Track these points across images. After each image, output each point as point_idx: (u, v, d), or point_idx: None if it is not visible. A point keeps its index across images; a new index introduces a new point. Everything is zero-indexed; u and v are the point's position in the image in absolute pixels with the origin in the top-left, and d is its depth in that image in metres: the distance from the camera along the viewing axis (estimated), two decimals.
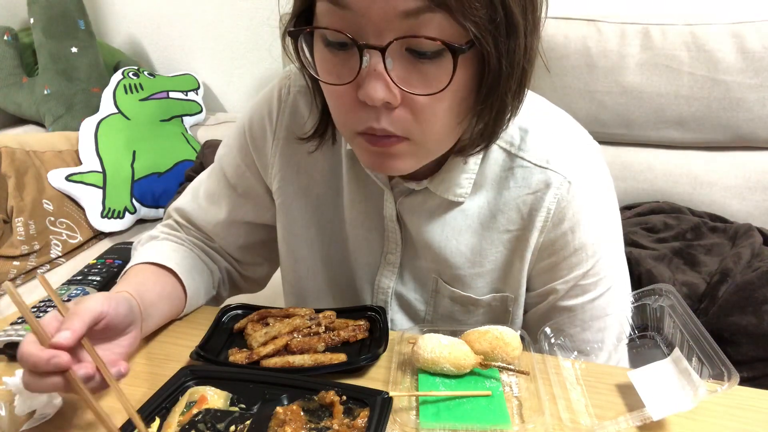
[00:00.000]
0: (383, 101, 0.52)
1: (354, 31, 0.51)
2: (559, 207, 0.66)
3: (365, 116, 0.55)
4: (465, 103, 0.57)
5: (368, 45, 0.50)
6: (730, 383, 0.51)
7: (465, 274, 0.73)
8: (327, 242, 0.79)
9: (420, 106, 0.54)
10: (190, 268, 0.78)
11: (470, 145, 0.63)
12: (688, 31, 1.23)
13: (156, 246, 0.80)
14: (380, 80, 0.51)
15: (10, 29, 1.86)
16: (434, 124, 0.56)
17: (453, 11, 0.48)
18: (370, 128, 0.55)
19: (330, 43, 0.54)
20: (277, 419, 0.54)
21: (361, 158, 0.63)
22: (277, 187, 0.78)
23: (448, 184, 0.68)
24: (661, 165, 1.35)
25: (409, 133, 0.56)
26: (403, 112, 0.54)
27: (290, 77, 0.75)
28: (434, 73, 0.52)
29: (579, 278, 0.69)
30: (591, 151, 0.70)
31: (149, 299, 0.68)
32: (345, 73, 0.53)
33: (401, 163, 0.60)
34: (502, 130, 0.61)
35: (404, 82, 0.52)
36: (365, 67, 0.51)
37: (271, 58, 1.80)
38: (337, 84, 0.54)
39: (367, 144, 0.58)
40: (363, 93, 0.52)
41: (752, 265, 1.09)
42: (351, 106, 0.55)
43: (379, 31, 0.50)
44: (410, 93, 0.52)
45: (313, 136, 0.70)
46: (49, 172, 1.59)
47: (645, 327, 0.65)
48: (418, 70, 0.52)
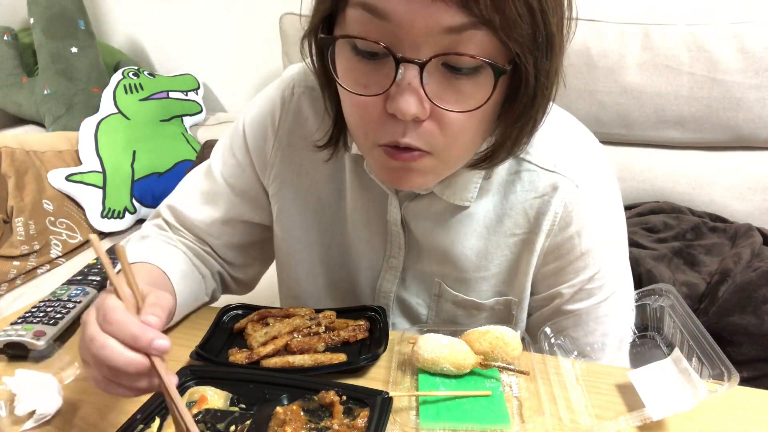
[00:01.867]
0: (414, 116, 0.51)
1: (390, 43, 0.49)
2: (567, 211, 0.66)
3: (390, 129, 0.53)
4: (492, 122, 0.56)
5: (406, 59, 0.49)
6: (730, 383, 0.51)
7: (470, 277, 0.72)
8: (327, 245, 0.78)
9: (448, 121, 0.52)
10: (183, 274, 0.74)
11: (489, 158, 0.61)
12: (688, 31, 1.23)
13: (149, 247, 0.77)
14: (414, 95, 0.50)
15: (10, 29, 1.86)
16: (460, 139, 0.55)
17: (498, 29, 0.47)
18: (394, 141, 0.54)
19: (359, 51, 0.52)
20: (277, 419, 0.54)
21: (378, 172, 0.61)
22: (276, 189, 0.77)
23: (454, 188, 0.67)
24: (661, 165, 1.35)
25: (433, 148, 0.55)
26: (430, 126, 0.53)
27: (294, 77, 0.74)
28: (470, 90, 0.51)
29: (584, 282, 0.69)
30: (598, 154, 0.70)
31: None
32: (374, 83, 0.52)
33: (420, 179, 0.58)
34: (526, 143, 0.60)
35: (438, 98, 0.51)
36: (399, 80, 0.50)
37: (271, 58, 1.80)
38: (366, 95, 0.53)
39: (386, 157, 0.56)
40: (394, 106, 0.51)
41: (752, 265, 1.09)
42: (377, 118, 0.54)
43: (417, 44, 0.48)
44: (444, 109, 0.51)
45: (327, 145, 0.68)
46: (49, 172, 1.59)
47: (645, 327, 0.65)
48: (453, 86, 0.51)
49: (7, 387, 0.59)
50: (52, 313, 0.72)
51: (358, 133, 0.59)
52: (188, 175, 0.85)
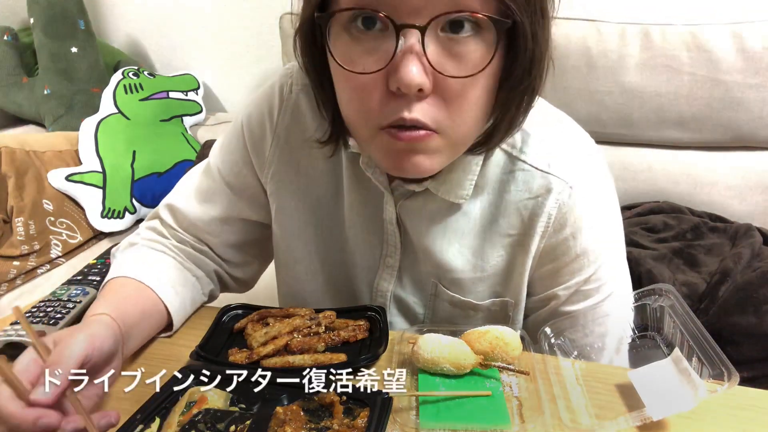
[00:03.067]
0: (419, 86, 0.50)
1: (389, 12, 0.49)
2: (561, 212, 0.66)
3: (394, 106, 0.53)
4: (494, 94, 0.56)
5: (407, 24, 0.48)
6: (730, 383, 0.51)
7: (465, 278, 0.72)
8: (325, 244, 0.78)
9: (453, 93, 0.52)
10: (174, 282, 0.74)
11: (488, 139, 0.61)
12: (688, 31, 1.23)
13: (136, 257, 0.76)
14: (417, 62, 0.49)
15: (10, 29, 1.86)
16: (465, 113, 0.55)
17: None
18: (399, 119, 0.53)
19: (357, 31, 0.52)
20: (277, 419, 0.54)
21: (382, 159, 0.59)
22: (274, 188, 0.77)
23: (449, 185, 0.67)
24: (661, 165, 1.35)
25: (439, 125, 0.54)
26: (434, 101, 0.53)
27: (292, 75, 0.73)
28: (471, 53, 0.51)
29: (581, 284, 0.68)
30: (593, 155, 0.70)
31: (131, 320, 0.64)
32: (372, 61, 0.51)
33: (427, 161, 0.57)
34: (524, 120, 0.60)
35: (440, 66, 0.50)
36: (401, 48, 0.49)
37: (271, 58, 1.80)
38: (367, 72, 0.52)
39: (392, 139, 0.55)
40: (397, 78, 0.50)
41: (752, 265, 1.09)
42: (379, 98, 0.53)
43: (416, 9, 0.48)
44: (447, 76, 0.51)
45: (327, 142, 0.67)
46: (49, 172, 1.59)
47: (645, 327, 0.65)
48: (454, 51, 0.51)
49: None
50: (52, 313, 0.72)
51: (359, 122, 0.58)
52: (187, 174, 0.85)
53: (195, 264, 0.80)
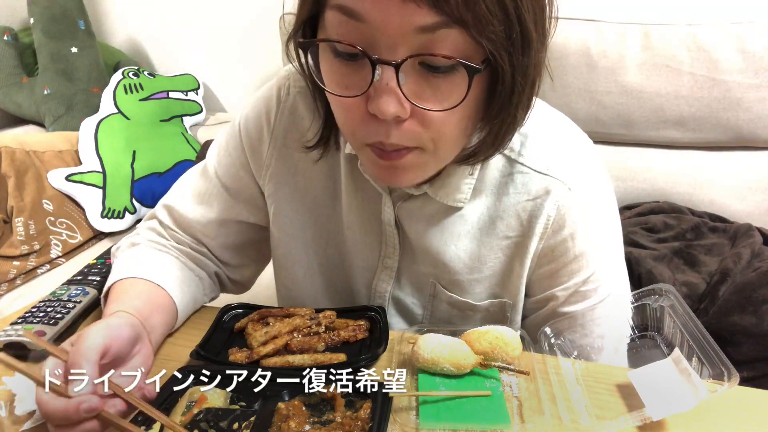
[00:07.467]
0: (394, 115, 0.51)
1: (367, 44, 0.50)
2: (559, 214, 0.66)
3: (375, 129, 0.54)
4: (475, 116, 0.56)
5: (381, 60, 0.49)
6: (730, 383, 0.51)
7: (463, 279, 0.72)
8: (324, 245, 0.78)
9: (430, 119, 0.53)
10: (180, 281, 0.75)
11: (475, 154, 0.61)
12: (688, 31, 1.23)
13: (141, 257, 0.76)
14: (392, 95, 0.50)
15: (10, 29, 1.86)
16: (444, 135, 0.55)
17: (470, 28, 0.47)
18: (380, 143, 0.55)
19: (339, 53, 0.52)
20: (280, 415, 0.54)
21: (369, 169, 0.62)
22: (272, 189, 0.77)
23: (447, 189, 0.67)
24: (661, 165, 1.35)
25: (419, 143, 0.55)
26: (412, 124, 0.53)
27: (289, 77, 0.73)
28: (447, 88, 0.51)
29: (579, 285, 0.69)
30: (591, 156, 0.70)
31: (147, 311, 0.66)
32: (354, 84, 0.52)
33: (411, 175, 0.59)
34: (509, 139, 0.60)
35: (416, 97, 0.51)
36: (377, 81, 0.50)
37: (271, 58, 1.80)
38: (346, 96, 0.53)
39: (376, 157, 0.57)
40: (374, 107, 0.51)
41: (752, 265, 1.09)
42: (360, 118, 0.54)
43: (393, 45, 0.49)
44: (422, 108, 0.52)
45: (317, 145, 0.68)
46: (49, 172, 1.59)
47: (645, 327, 0.65)
48: (431, 84, 0.51)
49: (7, 387, 0.59)
50: (52, 313, 0.72)
51: (347, 133, 0.60)
52: (184, 175, 0.85)
53: (197, 265, 0.80)
